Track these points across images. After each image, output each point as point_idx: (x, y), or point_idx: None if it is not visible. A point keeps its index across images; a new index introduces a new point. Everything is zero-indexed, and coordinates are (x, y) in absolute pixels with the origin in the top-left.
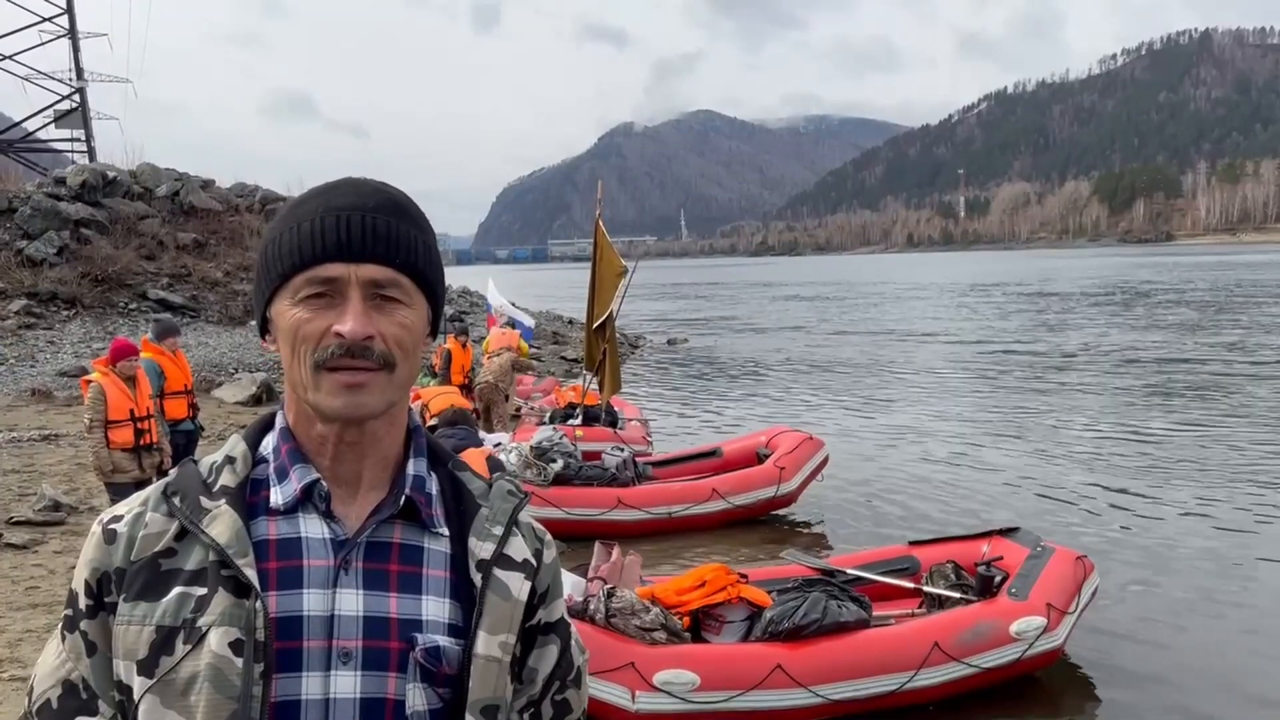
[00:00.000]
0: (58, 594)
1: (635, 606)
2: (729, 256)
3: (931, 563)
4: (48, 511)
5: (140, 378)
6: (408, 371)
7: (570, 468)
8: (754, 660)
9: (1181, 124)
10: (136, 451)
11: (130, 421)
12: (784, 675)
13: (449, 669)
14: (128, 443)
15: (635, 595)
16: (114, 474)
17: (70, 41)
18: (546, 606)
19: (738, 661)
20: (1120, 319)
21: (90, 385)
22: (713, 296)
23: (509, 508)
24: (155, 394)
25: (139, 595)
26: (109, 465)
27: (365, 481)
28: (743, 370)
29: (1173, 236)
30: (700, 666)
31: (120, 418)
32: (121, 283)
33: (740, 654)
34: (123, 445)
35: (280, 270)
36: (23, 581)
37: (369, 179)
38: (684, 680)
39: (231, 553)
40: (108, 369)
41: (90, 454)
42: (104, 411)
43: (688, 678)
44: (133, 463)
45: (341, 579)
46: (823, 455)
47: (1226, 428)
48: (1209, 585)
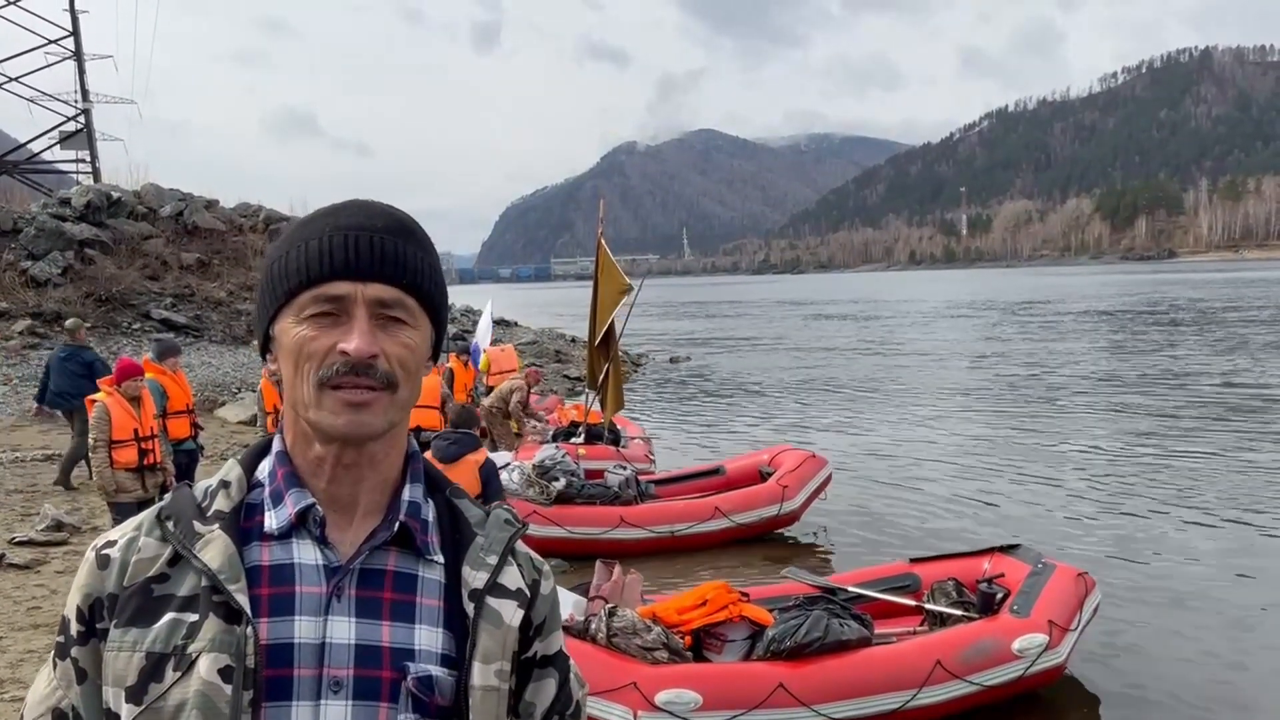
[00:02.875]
0: (60, 614)
1: (637, 626)
2: (731, 274)
3: (933, 580)
4: (50, 531)
5: (145, 397)
6: (409, 392)
7: (573, 486)
8: (756, 679)
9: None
10: (140, 471)
11: (134, 441)
12: (786, 694)
13: (442, 700)
14: (131, 462)
15: (637, 614)
16: (117, 494)
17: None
18: (544, 639)
19: (740, 681)
20: (1122, 336)
21: (95, 405)
22: (715, 315)
23: (505, 537)
24: (159, 413)
25: (130, 621)
26: (112, 485)
27: (361, 506)
28: (745, 388)
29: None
30: (702, 686)
31: (124, 437)
32: (125, 302)
33: (742, 673)
34: (126, 465)
35: (286, 287)
36: (25, 602)
37: (376, 201)
38: (686, 700)
39: (223, 578)
40: (112, 389)
41: (94, 474)
42: (108, 431)
43: (690, 697)
44: (136, 482)
45: (334, 606)
46: (826, 473)
47: (1232, 445)
48: (1213, 602)
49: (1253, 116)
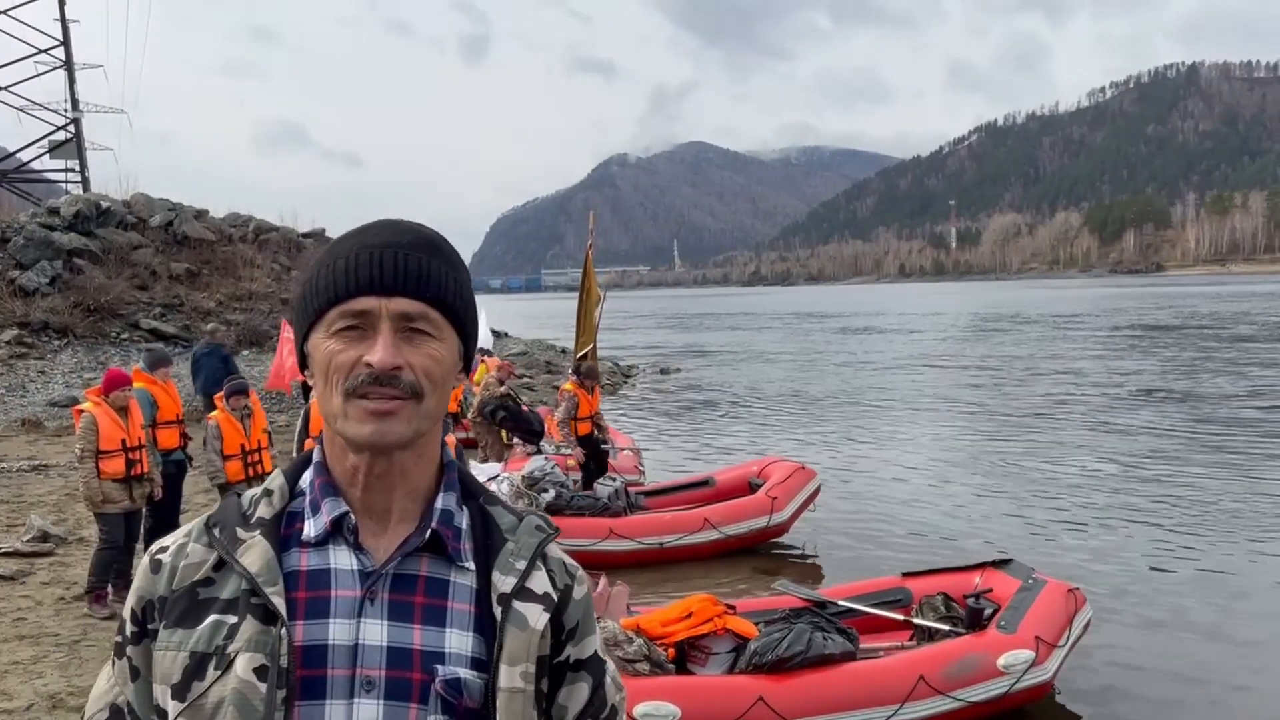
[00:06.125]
0: (45, 626)
1: (618, 638)
2: (722, 286)
3: (923, 594)
4: (36, 542)
5: (132, 408)
6: (436, 402)
7: (562, 498)
8: (736, 692)
9: (1170, 156)
10: (127, 482)
11: (122, 451)
12: (766, 708)
13: (470, 702)
14: (119, 473)
15: (619, 626)
16: (104, 504)
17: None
18: (576, 643)
19: (719, 693)
20: (1113, 349)
21: (82, 415)
22: (705, 326)
23: (534, 542)
24: (148, 424)
25: (177, 622)
26: (99, 495)
27: (395, 514)
28: (735, 400)
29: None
30: (681, 698)
31: (112, 448)
32: (114, 312)
33: (722, 686)
34: (114, 475)
35: (316, 305)
36: (10, 614)
37: (404, 220)
38: (664, 712)
39: (261, 581)
40: (100, 399)
41: (81, 484)
42: (95, 441)
43: (668, 710)
44: (123, 493)
45: (367, 609)
46: (815, 485)
47: (1232, 461)
48: (1208, 621)
49: (1239, 132)
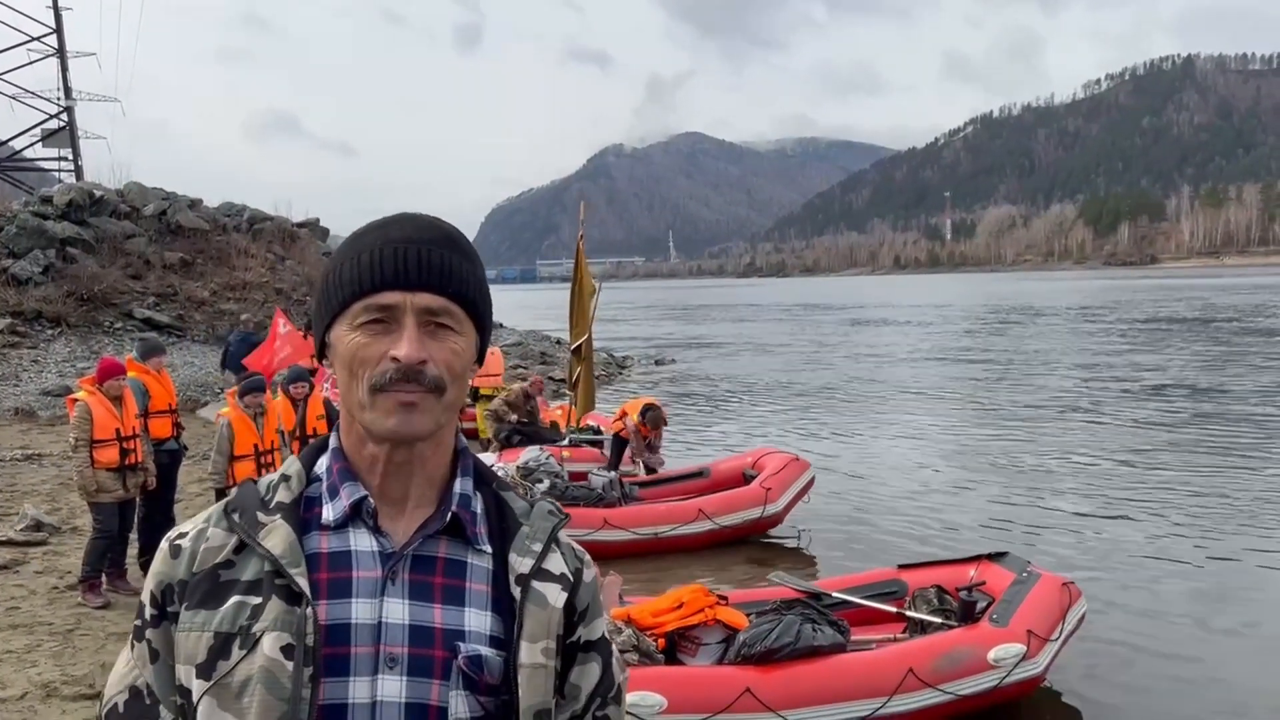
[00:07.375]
0: (38, 615)
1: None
2: (717, 277)
3: (918, 587)
4: (29, 531)
5: (126, 397)
6: (456, 395)
7: (556, 488)
8: (723, 683)
9: (1165, 149)
10: (121, 471)
11: (116, 441)
12: (753, 699)
13: (491, 678)
14: (113, 462)
15: (608, 616)
16: (98, 493)
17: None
18: (587, 625)
19: (707, 684)
20: (1111, 342)
21: (76, 404)
22: (700, 317)
23: (549, 526)
24: (140, 413)
25: (199, 604)
26: (93, 485)
27: (412, 499)
28: (729, 391)
29: (1157, 260)
30: (668, 689)
31: (106, 437)
32: (107, 302)
33: (709, 677)
34: (108, 464)
35: (340, 297)
36: (3, 603)
37: (424, 214)
38: (651, 703)
39: (285, 563)
40: (94, 388)
41: (75, 473)
42: (89, 431)
43: (654, 700)
44: (117, 482)
45: (388, 589)
46: (809, 476)
47: (1229, 456)
48: (1202, 614)
49: (1234, 124)
